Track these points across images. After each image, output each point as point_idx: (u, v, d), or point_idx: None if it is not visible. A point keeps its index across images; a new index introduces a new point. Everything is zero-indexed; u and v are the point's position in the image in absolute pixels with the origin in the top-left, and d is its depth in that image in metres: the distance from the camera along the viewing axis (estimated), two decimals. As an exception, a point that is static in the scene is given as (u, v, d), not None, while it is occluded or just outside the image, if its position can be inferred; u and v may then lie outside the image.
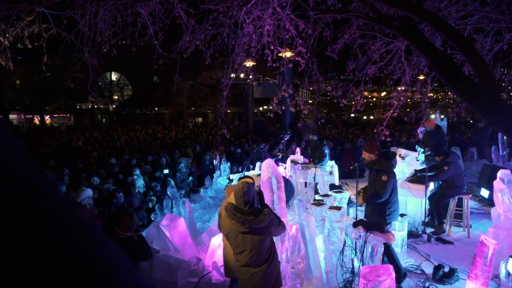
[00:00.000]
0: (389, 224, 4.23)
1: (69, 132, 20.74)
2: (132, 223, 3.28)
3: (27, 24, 2.69)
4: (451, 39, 2.73)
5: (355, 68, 4.79)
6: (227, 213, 3.05)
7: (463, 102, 4.93)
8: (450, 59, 2.93)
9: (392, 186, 4.42)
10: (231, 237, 3.08)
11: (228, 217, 3.05)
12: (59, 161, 9.98)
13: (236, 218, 2.98)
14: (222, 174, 9.63)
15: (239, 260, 3.13)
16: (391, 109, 4.48)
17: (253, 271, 3.08)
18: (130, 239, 3.33)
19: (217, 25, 3.87)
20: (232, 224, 3.04)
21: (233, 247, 3.13)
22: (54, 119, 38.55)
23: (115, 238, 3.28)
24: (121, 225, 3.27)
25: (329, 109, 50.25)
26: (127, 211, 3.40)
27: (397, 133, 15.57)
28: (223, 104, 3.98)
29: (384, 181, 4.32)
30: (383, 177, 4.31)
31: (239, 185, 3.11)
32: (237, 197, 3.07)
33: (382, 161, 4.48)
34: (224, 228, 3.12)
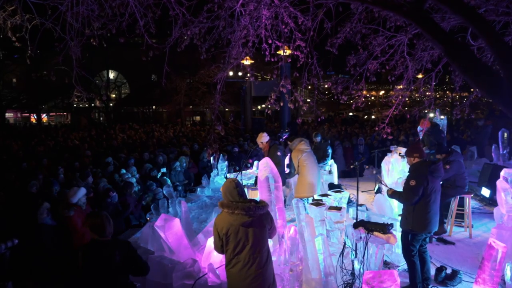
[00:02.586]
0: (391, 225, 4.09)
1: (65, 131, 20.53)
2: (104, 226, 3.10)
3: (9, 14, 2.55)
4: (471, 22, 2.55)
5: (356, 63, 4.66)
6: (227, 209, 2.98)
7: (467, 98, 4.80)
8: (466, 46, 2.78)
9: (419, 193, 4.09)
10: (232, 233, 2.95)
11: (228, 212, 2.98)
12: (54, 159, 9.82)
13: (239, 206, 2.94)
14: (220, 173, 9.50)
15: (238, 263, 2.97)
16: (393, 106, 4.35)
17: (253, 273, 2.95)
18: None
19: (212, 18, 3.73)
20: (232, 219, 2.95)
21: (233, 247, 2.97)
22: (51, 117, 38.32)
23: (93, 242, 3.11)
24: (95, 228, 3.10)
25: (328, 108, 50.22)
26: (99, 214, 3.23)
27: (395, 131, 15.46)
28: (217, 99, 3.83)
29: (410, 186, 4.09)
30: (411, 182, 4.10)
31: (227, 181, 3.13)
32: (230, 190, 3.06)
33: (417, 165, 4.24)
34: (222, 227, 2.98)
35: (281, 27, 3.84)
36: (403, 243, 4.32)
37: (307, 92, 45.65)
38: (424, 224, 4.16)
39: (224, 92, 4.46)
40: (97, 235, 3.10)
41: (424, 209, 4.15)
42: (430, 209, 4.17)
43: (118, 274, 3.05)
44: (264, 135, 6.34)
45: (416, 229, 4.18)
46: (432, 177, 4.13)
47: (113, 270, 3.00)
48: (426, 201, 4.15)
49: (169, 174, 8.81)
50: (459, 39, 4.09)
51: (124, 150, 11.29)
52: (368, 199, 8.18)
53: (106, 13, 3.00)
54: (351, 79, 4.72)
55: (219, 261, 4.71)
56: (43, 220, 5.31)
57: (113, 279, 3.01)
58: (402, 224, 4.35)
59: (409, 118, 16.49)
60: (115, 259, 2.99)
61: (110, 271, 2.99)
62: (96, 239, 3.11)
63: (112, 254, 3.01)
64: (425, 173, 4.09)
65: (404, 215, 4.34)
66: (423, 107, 4.58)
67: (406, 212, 4.31)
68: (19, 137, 16.70)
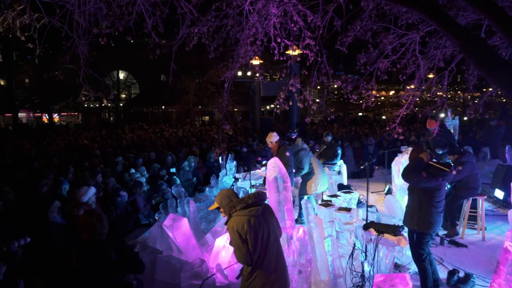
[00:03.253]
0: (402, 227, 4.02)
1: (76, 131, 20.78)
2: (95, 226, 3.06)
3: (18, 13, 2.57)
4: (488, 14, 2.47)
5: (366, 62, 4.59)
6: (239, 204, 2.89)
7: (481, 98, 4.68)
8: (483, 41, 2.69)
9: (419, 185, 4.11)
10: (254, 225, 2.83)
11: (240, 209, 2.88)
12: (65, 159, 9.92)
13: (250, 196, 2.91)
14: (228, 173, 9.49)
15: (265, 259, 2.89)
16: (405, 106, 4.26)
17: (275, 276, 2.92)
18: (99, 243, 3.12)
19: (220, 17, 3.70)
20: (248, 211, 2.87)
21: (260, 241, 2.86)
22: (62, 117, 38.84)
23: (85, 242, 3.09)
24: (88, 228, 3.07)
25: (337, 108, 49.93)
26: (93, 213, 3.20)
27: (406, 132, 15.27)
28: (225, 98, 3.79)
29: (422, 175, 4.05)
30: (423, 172, 4.07)
31: (222, 190, 3.11)
32: (229, 194, 3.04)
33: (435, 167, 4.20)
34: (242, 225, 2.81)
35: (290, 26, 3.79)
36: (411, 246, 4.25)
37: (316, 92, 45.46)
38: (429, 223, 4.10)
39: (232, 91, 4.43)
40: (90, 235, 3.06)
41: (430, 209, 4.09)
42: (437, 209, 4.13)
43: (114, 273, 3.02)
44: (274, 135, 6.30)
45: (421, 228, 4.13)
46: (442, 180, 4.09)
47: (109, 269, 2.97)
48: (433, 202, 4.09)
49: (178, 174, 8.83)
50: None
51: (133, 150, 11.35)
52: (378, 200, 8.08)
53: (114, 11, 2.99)
54: (361, 78, 4.65)
55: (227, 261, 4.69)
56: (54, 218, 5.36)
57: (109, 278, 2.99)
58: (406, 222, 4.29)
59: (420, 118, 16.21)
60: (110, 258, 2.97)
61: (105, 271, 2.97)
62: (90, 239, 3.06)
63: (107, 253, 2.99)
64: (437, 176, 4.04)
65: (409, 213, 4.29)
66: (435, 106, 4.48)
67: (410, 211, 4.27)
68: (31, 137, 16.95)
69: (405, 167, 4.29)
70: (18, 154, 11.28)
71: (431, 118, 7.03)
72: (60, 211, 5.46)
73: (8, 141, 14.55)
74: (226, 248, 4.71)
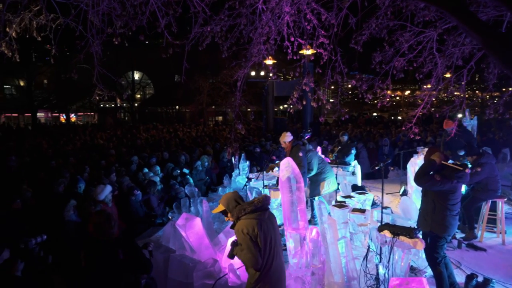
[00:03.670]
0: (419, 229, 3.93)
1: (92, 130, 21.15)
2: (103, 226, 3.07)
3: (35, 13, 2.62)
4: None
5: (382, 60, 4.50)
6: (249, 207, 2.85)
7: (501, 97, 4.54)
8: (507, 37, 2.60)
9: (433, 188, 4.01)
10: (264, 228, 2.82)
11: (249, 212, 2.83)
12: (81, 158, 10.09)
13: (260, 201, 2.88)
14: (241, 173, 9.48)
15: (273, 260, 2.89)
16: (421, 105, 4.16)
17: (282, 265, 2.97)
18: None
19: (233, 16, 3.69)
20: (257, 215, 2.84)
21: (269, 244, 2.86)
22: (79, 117, 39.62)
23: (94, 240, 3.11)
24: (97, 227, 3.08)
25: (351, 108, 49.47)
26: (102, 213, 3.21)
27: (422, 132, 15.00)
28: (237, 97, 3.77)
29: (435, 178, 3.94)
30: (436, 176, 3.97)
31: (227, 194, 3.07)
32: (235, 197, 3.01)
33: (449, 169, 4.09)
34: (252, 228, 2.78)
35: (303, 24, 3.75)
36: (426, 249, 4.16)
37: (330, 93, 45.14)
38: (444, 226, 4.00)
39: (245, 91, 4.41)
40: (98, 235, 3.07)
41: (445, 212, 3.99)
42: (452, 212, 4.02)
43: (122, 272, 3.03)
44: (288, 135, 6.27)
45: (435, 231, 4.03)
46: (457, 182, 3.98)
47: (116, 269, 2.98)
48: (448, 204, 3.99)
49: (191, 174, 8.87)
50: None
51: (147, 150, 11.47)
52: (393, 201, 7.94)
53: (127, 11, 3.02)
54: (377, 77, 4.56)
55: (240, 261, 4.68)
56: (69, 217, 5.45)
57: (116, 277, 3.01)
58: (420, 224, 4.20)
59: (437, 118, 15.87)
60: (118, 257, 2.98)
61: (113, 270, 2.98)
62: (98, 238, 3.08)
63: (115, 253, 3.00)
64: (451, 178, 3.93)
65: (423, 216, 4.20)
66: (453, 106, 4.36)
67: (424, 213, 4.18)
68: (49, 136, 17.33)
69: (417, 170, 4.20)
70: (36, 153, 11.54)
71: (448, 119, 6.84)
72: (76, 210, 5.55)
73: (27, 140, 14.92)
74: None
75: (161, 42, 3.50)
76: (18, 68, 25.07)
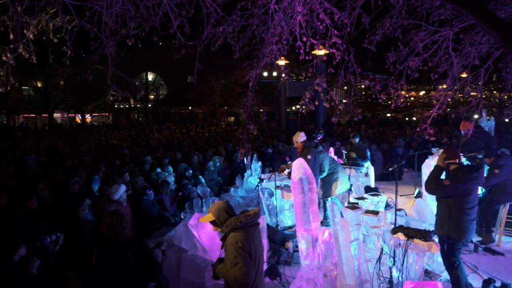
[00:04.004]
0: (433, 232, 3.85)
1: (107, 131, 21.48)
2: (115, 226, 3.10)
3: (51, 16, 2.67)
4: None
5: (396, 60, 4.43)
6: (245, 219, 2.70)
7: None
8: None
9: (445, 195, 3.89)
10: (257, 243, 2.77)
11: (245, 226, 2.70)
12: (96, 158, 10.26)
13: (255, 215, 2.77)
14: (253, 173, 9.49)
15: (260, 274, 2.82)
16: (436, 106, 4.08)
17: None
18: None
19: (246, 16, 3.69)
20: (253, 229, 2.75)
21: (257, 260, 2.77)
22: (94, 117, 40.30)
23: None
24: (109, 227, 3.12)
25: (364, 109, 48.99)
26: (114, 214, 3.24)
27: (438, 133, 14.73)
28: (249, 98, 3.77)
29: (443, 183, 3.85)
30: (445, 181, 3.87)
31: (217, 203, 2.94)
32: (226, 207, 2.89)
33: (458, 170, 4.00)
34: (249, 243, 2.67)
35: (316, 24, 3.73)
36: (443, 253, 4.07)
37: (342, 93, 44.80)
38: (461, 232, 3.90)
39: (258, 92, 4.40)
40: (110, 234, 3.10)
41: (461, 217, 3.88)
42: (468, 216, 3.90)
43: (131, 274, 3.05)
44: (301, 135, 6.25)
45: (452, 235, 3.93)
46: (471, 184, 3.86)
47: (125, 269, 3.01)
48: (464, 208, 3.88)
49: (203, 174, 8.92)
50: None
51: (160, 150, 11.58)
52: (407, 203, 7.82)
53: (141, 13, 3.05)
54: (390, 77, 4.50)
55: (251, 262, 4.67)
56: (84, 216, 5.54)
57: (125, 277, 3.03)
58: (437, 230, 4.10)
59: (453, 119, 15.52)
60: (127, 258, 3.01)
61: (121, 270, 3.01)
62: (110, 238, 3.11)
63: (125, 253, 3.03)
64: (465, 181, 3.82)
65: (439, 221, 4.09)
66: (469, 107, 4.26)
67: (440, 219, 4.07)
68: (65, 136, 17.68)
69: (426, 178, 4.11)
70: (53, 152, 11.79)
71: (465, 120, 6.67)
72: (90, 209, 5.64)
73: (43, 140, 15.25)
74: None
75: (174, 43, 3.52)
76: (35, 70, 25.71)
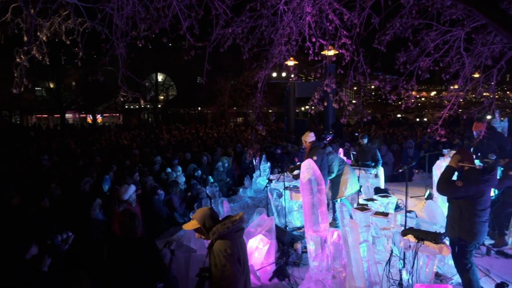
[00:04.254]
0: (444, 235, 3.80)
1: (117, 131, 21.71)
2: (128, 225, 3.14)
3: (64, 18, 2.73)
4: None
5: (406, 60, 4.39)
6: (231, 224, 2.61)
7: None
8: None
9: (457, 196, 3.83)
10: (244, 250, 2.74)
11: (231, 232, 2.59)
12: (106, 158, 10.38)
13: (241, 221, 2.68)
14: (262, 174, 9.49)
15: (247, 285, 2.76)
16: (448, 106, 4.02)
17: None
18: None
19: (255, 17, 3.70)
20: (238, 235, 2.68)
21: (244, 267, 2.70)
22: (105, 118, 40.77)
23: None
24: (121, 226, 3.17)
25: (374, 109, 48.56)
26: (127, 212, 3.29)
27: (449, 134, 14.54)
28: (258, 98, 3.78)
29: (456, 184, 3.79)
30: (458, 182, 3.83)
31: (202, 209, 2.81)
32: (210, 213, 2.75)
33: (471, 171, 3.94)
34: (237, 250, 2.60)
35: (325, 24, 3.72)
36: (454, 256, 4.01)
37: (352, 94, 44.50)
38: (472, 234, 3.84)
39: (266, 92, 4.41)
40: (122, 232, 3.17)
41: (473, 219, 3.82)
42: (480, 218, 3.85)
43: (140, 272, 3.08)
44: (310, 135, 6.23)
45: (464, 238, 3.87)
46: (484, 185, 3.81)
47: (134, 268, 3.04)
48: (476, 210, 3.82)
49: (212, 174, 8.95)
50: None
51: (169, 150, 11.66)
52: (417, 205, 7.73)
53: (151, 14, 3.09)
54: (401, 77, 4.45)
55: (260, 263, 4.68)
56: (95, 215, 5.61)
57: (133, 276, 3.06)
58: (448, 232, 4.04)
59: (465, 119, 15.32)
60: (136, 258, 3.05)
61: (130, 268, 3.04)
62: (122, 236, 3.18)
63: (134, 253, 3.07)
64: (477, 182, 3.76)
65: (450, 223, 4.04)
66: (481, 107, 4.20)
67: (452, 221, 4.01)
68: (77, 136, 17.93)
69: (438, 179, 4.06)
70: (65, 152, 11.97)
71: (477, 121, 6.55)
72: (101, 208, 5.71)
73: (55, 140, 15.49)
74: (259, 249, 4.70)
75: (183, 44, 3.55)
76: (48, 71, 26.14)
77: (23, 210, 5.29)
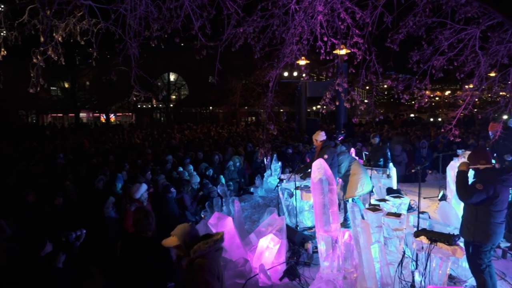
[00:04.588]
0: (458, 236, 3.74)
1: (130, 130, 21.97)
2: (142, 222, 3.19)
3: (78, 19, 2.79)
4: None
5: (420, 59, 4.32)
6: (209, 250, 2.57)
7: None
8: None
9: (478, 199, 3.74)
10: (221, 267, 2.73)
11: (210, 255, 2.57)
12: (119, 156, 10.51)
13: (222, 239, 2.67)
14: (273, 173, 9.49)
15: None
16: (462, 106, 3.95)
17: None
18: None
19: (266, 17, 3.70)
20: (218, 254, 2.67)
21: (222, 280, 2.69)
22: (118, 117, 41.31)
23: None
24: (136, 223, 3.22)
25: (387, 109, 47.97)
26: (141, 210, 3.35)
27: (464, 134, 14.27)
28: (269, 98, 3.78)
29: (477, 188, 3.71)
30: (478, 185, 3.75)
31: (182, 226, 2.81)
32: (194, 230, 2.77)
33: (488, 171, 3.86)
34: (217, 268, 2.61)
35: (337, 23, 3.69)
36: (468, 257, 3.94)
37: (364, 93, 44.05)
38: (487, 235, 3.76)
39: (278, 92, 4.41)
40: (136, 229, 3.23)
41: (488, 219, 3.74)
42: (496, 219, 3.77)
43: (151, 271, 3.12)
44: (321, 134, 6.22)
45: (478, 239, 3.80)
46: (501, 186, 3.72)
47: (147, 267, 3.08)
48: (491, 211, 3.74)
49: (223, 173, 8.99)
50: None
51: (181, 149, 11.74)
52: (431, 206, 7.62)
53: (163, 15, 3.13)
54: (414, 77, 4.39)
55: (271, 262, 4.68)
56: (109, 213, 5.69)
57: (146, 274, 3.10)
58: (463, 233, 3.97)
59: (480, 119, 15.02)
60: (149, 256, 3.08)
61: (142, 265, 3.09)
62: (136, 233, 3.23)
63: (147, 251, 3.11)
64: (494, 182, 3.68)
65: (465, 224, 3.96)
66: (497, 107, 4.11)
67: (466, 221, 3.94)
68: (91, 135, 18.22)
69: (456, 188, 3.98)
70: (79, 151, 12.18)
71: (493, 121, 6.41)
72: (114, 207, 5.79)
73: (69, 139, 15.78)
74: (270, 249, 4.70)
75: (195, 44, 3.58)
76: (63, 71, 26.63)
77: (38, 207, 5.40)
